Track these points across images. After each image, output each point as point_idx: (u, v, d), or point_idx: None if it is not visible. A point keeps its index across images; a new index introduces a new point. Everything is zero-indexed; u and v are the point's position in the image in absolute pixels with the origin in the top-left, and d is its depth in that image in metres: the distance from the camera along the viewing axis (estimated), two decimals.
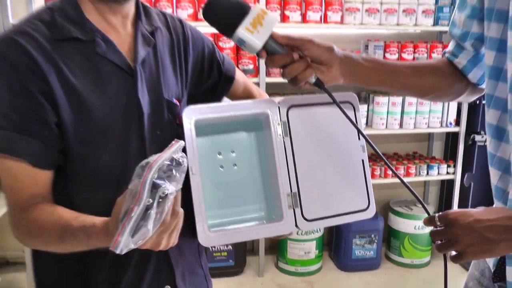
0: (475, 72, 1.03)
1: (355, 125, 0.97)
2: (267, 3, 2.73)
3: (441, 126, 3.04)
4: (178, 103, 1.01)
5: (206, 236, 0.90)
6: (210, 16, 0.91)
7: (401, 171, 3.00)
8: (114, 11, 0.94)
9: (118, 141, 0.93)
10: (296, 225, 0.97)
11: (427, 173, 3.09)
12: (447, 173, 3.14)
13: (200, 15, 2.67)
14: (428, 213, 0.94)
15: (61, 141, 0.89)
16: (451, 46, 1.06)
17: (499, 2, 0.89)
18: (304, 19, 2.81)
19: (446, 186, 3.36)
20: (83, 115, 0.89)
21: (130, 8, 0.97)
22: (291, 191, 0.96)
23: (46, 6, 0.93)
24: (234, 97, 1.19)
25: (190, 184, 0.88)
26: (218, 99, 1.16)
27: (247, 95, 1.20)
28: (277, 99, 1.01)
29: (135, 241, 0.66)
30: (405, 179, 3.20)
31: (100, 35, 0.92)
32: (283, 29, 2.84)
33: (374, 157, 3.19)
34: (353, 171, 1.05)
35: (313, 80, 0.93)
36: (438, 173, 3.11)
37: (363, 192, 1.05)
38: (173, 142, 0.73)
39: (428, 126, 3.02)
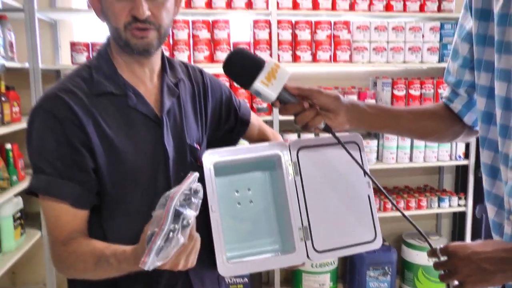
0: (469, 116, 1.12)
1: (360, 165, 1.07)
2: (279, 43, 2.88)
3: (451, 159, 3.10)
4: (199, 147, 1.13)
5: (225, 267, 0.99)
6: (230, 72, 1.03)
7: (412, 203, 3.06)
8: (142, 65, 1.07)
9: (147, 182, 1.04)
10: (308, 256, 1.05)
11: (439, 206, 3.13)
12: (459, 205, 3.18)
13: (216, 57, 2.84)
14: (430, 246, 1.01)
15: (98, 184, 1.01)
16: (447, 92, 1.16)
17: (486, 54, 0.99)
18: (314, 59, 2.95)
19: (459, 218, 3.39)
20: (115, 160, 1.01)
21: (156, 62, 1.11)
22: (302, 225, 1.06)
23: (85, 64, 1.07)
24: (250, 138, 1.30)
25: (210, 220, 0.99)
26: (235, 140, 1.28)
27: (262, 136, 1.31)
28: (289, 138, 1.12)
29: (159, 259, 0.77)
30: (417, 212, 3.25)
31: (131, 89, 1.05)
32: (295, 68, 2.99)
33: (385, 191, 3.24)
34: (360, 205, 1.14)
35: (322, 126, 1.04)
36: (450, 206, 3.15)
37: (370, 224, 1.14)
38: (189, 174, 0.85)
39: (437, 160, 3.09)
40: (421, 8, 3.01)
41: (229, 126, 1.25)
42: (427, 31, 3.03)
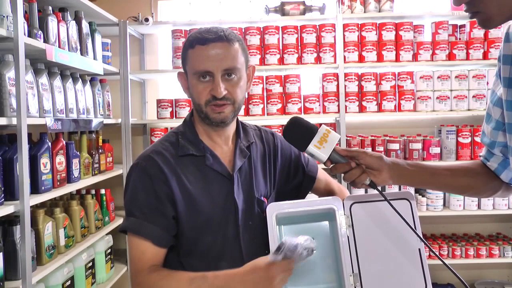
0: (506, 174, 1.21)
1: (404, 220, 1.17)
2: (346, 95, 3.05)
3: None
4: (265, 200, 1.33)
5: None
6: (288, 138, 1.22)
7: (483, 251, 3.01)
8: (219, 133, 1.30)
9: (218, 228, 1.25)
10: None
11: None
12: None
13: (287, 110, 3.06)
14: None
15: (176, 228, 1.23)
16: (484, 151, 1.26)
17: None
18: (380, 108, 3.09)
19: None
20: (193, 209, 1.24)
21: (231, 130, 1.33)
22: (352, 272, 1.20)
23: (173, 131, 1.33)
24: (317, 192, 1.47)
25: None
26: (303, 194, 1.45)
27: (329, 190, 1.47)
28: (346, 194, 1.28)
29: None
30: (488, 260, 3.21)
31: (209, 151, 1.28)
32: (361, 117, 3.14)
33: (454, 237, 3.23)
34: (410, 257, 1.22)
35: (367, 182, 1.19)
36: None
37: (420, 275, 1.21)
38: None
39: (508, 207, 3.04)
40: (485, 56, 3.07)
41: (297, 181, 1.43)
42: (491, 78, 3.06)
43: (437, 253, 1.16)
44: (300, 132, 1.21)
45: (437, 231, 3.31)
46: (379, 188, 1.19)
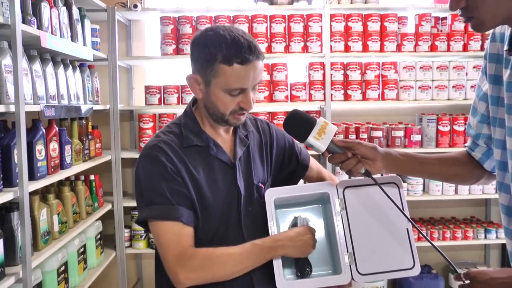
0: (489, 163, 1.32)
1: (394, 203, 1.26)
2: (332, 84, 3.13)
3: (496, 192, 3.17)
4: (263, 186, 1.40)
5: (283, 284, 1.23)
6: (289, 130, 1.29)
7: (458, 234, 3.17)
8: (222, 124, 1.36)
9: (223, 215, 1.32)
10: (352, 278, 1.28)
11: (485, 237, 3.22)
12: None
13: (275, 97, 3.12)
14: (456, 271, 1.20)
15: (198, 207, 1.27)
16: (469, 142, 1.36)
17: (500, 113, 1.19)
18: (364, 97, 3.18)
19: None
20: (200, 196, 1.29)
21: None
22: (347, 251, 1.29)
23: (175, 122, 1.37)
24: (309, 179, 1.55)
25: None
26: (296, 181, 1.53)
27: (320, 178, 1.55)
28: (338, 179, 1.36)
29: None
30: (463, 242, 3.38)
31: (212, 141, 1.34)
32: (346, 106, 3.23)
33: (432, 221, 3.38)
34: (400, 236, 1.32)
35: (362, 171, 1.27)
36: (497, 237, 3.23)
37: (409, 253, 1.31)
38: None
39: (482, 192, 3.20)
40: (465, 48, 3.18)
41: (291, 169, 1.51)
42: (470, 69, 3.19)
43: (424, 234, 1.25)
44: (299, 124, 1.27)
45: (416, 215, 3.46)
46: (373, 176, 1.28)
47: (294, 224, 1.31)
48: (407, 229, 1.33)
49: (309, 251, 1.28)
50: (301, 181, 1.60)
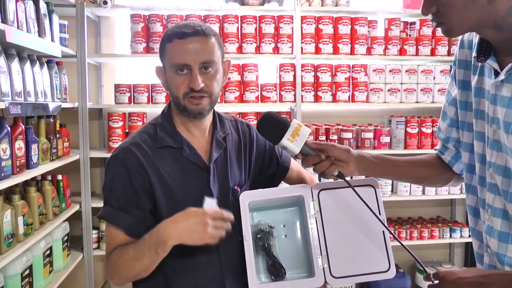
0: (457, 166, 1.35)
1: (366, 204, 1.26)
2: (302, 85, 3.15)
3: (461, 192, 3.30)
4: (239, 189, 1.39)
5: (256, 286, 1.23)
6: (262, 132, 1.28)
7: (425, 233, 3.25)
8: (196, 125, 1.35)
9: None
10: (325, 281, 1.28)
11: (450, 236, 3.32)
12: (470, 236, 3.34)
13: (245, 98, 3.12)
14: (425, 271, 1.23)
15: (152, 220, 1.27)
16: (439, 145, 1.39)
17: (468, 117, 1.23)
18: (334, 99, 3.22)
19: (470, 248, 3.56)
20: (171, 200, 1.29)
21: (208, 122, 1.38)
22: (321, 254, 1.29)
23: (151, 122, 1.36)
24: (290, 181, 1.55)
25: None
26: (276, 183, 1.53)
27: (300, 179, 1.55)
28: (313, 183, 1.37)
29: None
30: (429, 242, 3.45)
31: (186, 143, 1.32)
32: (316, 107, 3.26)
33: (400, 221, 3.45)
34: (375, 239, 1.32)
35: (336, 173, 1.27)
36: (461, 236, 3.33)
37: (384, 256, 1.32)
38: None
39: (448, 193, 3.30)
40: (432, 52, 3.26)
41: (271, 171, 1.51)
42: (438, 73, 3.27)
43: (396, 236, 1.27)
44: (273, 126, 1.26)
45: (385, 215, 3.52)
46: (347, 178, 1.29)
47: (258, 229, 1.31)
48: (383, 232, 1.33)
49: (205, 239, 1.17)
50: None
